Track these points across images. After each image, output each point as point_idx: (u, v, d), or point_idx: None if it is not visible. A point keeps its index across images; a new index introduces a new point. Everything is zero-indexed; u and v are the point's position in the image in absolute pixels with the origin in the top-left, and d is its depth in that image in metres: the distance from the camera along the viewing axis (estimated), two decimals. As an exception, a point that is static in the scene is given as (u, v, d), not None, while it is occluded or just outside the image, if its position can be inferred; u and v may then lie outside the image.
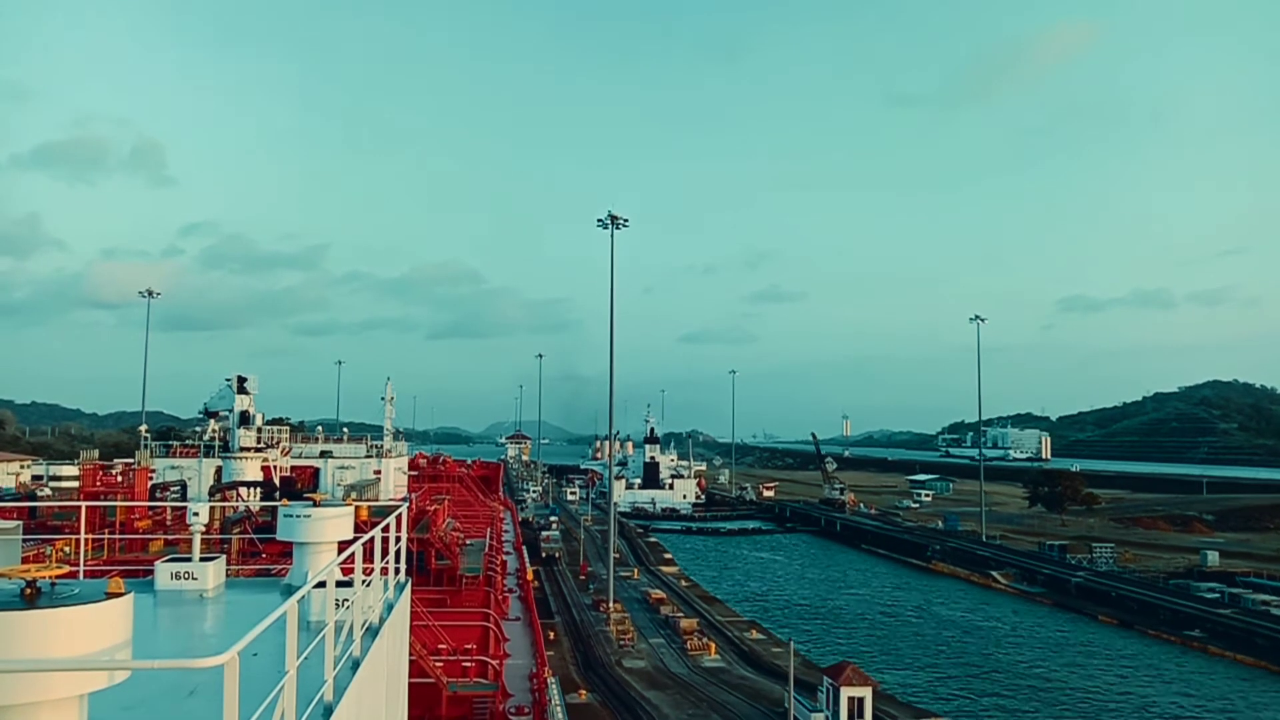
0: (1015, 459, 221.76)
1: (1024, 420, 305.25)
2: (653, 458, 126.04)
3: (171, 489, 35.46)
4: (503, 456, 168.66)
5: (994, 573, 69.02)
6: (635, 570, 63.38)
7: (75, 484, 54.59)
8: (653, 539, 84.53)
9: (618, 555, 64.88)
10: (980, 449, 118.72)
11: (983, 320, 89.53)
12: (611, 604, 46.98)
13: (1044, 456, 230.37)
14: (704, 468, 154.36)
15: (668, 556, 72.26)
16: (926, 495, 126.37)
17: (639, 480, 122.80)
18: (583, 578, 59.74)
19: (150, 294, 75.12)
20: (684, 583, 60.70)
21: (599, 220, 53.41)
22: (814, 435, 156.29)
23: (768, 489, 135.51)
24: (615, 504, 56.80)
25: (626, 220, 53.36)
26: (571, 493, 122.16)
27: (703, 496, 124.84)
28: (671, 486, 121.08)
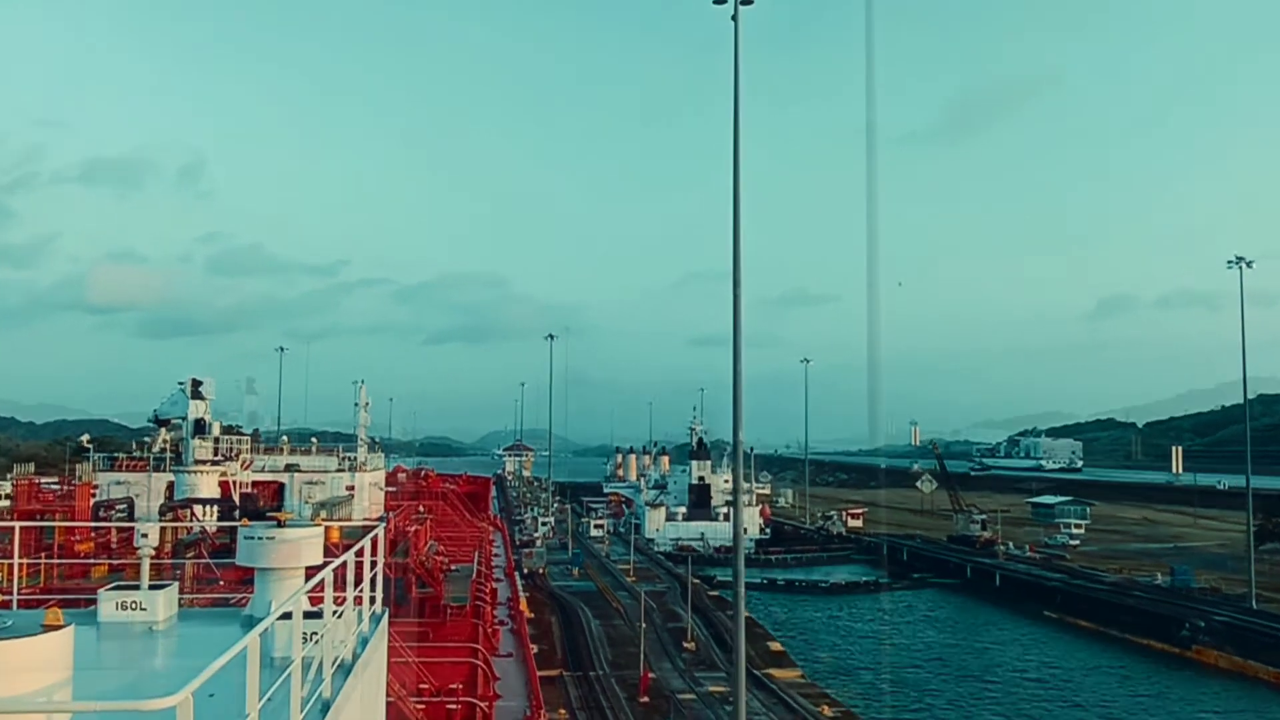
0: (1048, 470, 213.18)
1: (1106, 425, 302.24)
2: (701, 478, 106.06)
3: (117, 507, 36.03)
4: (498, 471, 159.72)
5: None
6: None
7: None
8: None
9: (692, 646, 46.67)
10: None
11: (1248, 264, 65.20)
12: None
13: (1076, 467, 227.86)
14: (767, 490, 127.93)
15: (775, 648, 49.60)
16: (1077, 526, 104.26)
17: (683, 508, 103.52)
18: (644, 700, 38.33)
19: None
20: (827, 710, 38.76)
21: None
22: (935, 445, 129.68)
23: (853, 516, 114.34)
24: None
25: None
26: (596, 524, 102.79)
27: (768, 530, 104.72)
28: (728, 516, 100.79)
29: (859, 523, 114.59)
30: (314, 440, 49.82)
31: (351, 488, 41.22)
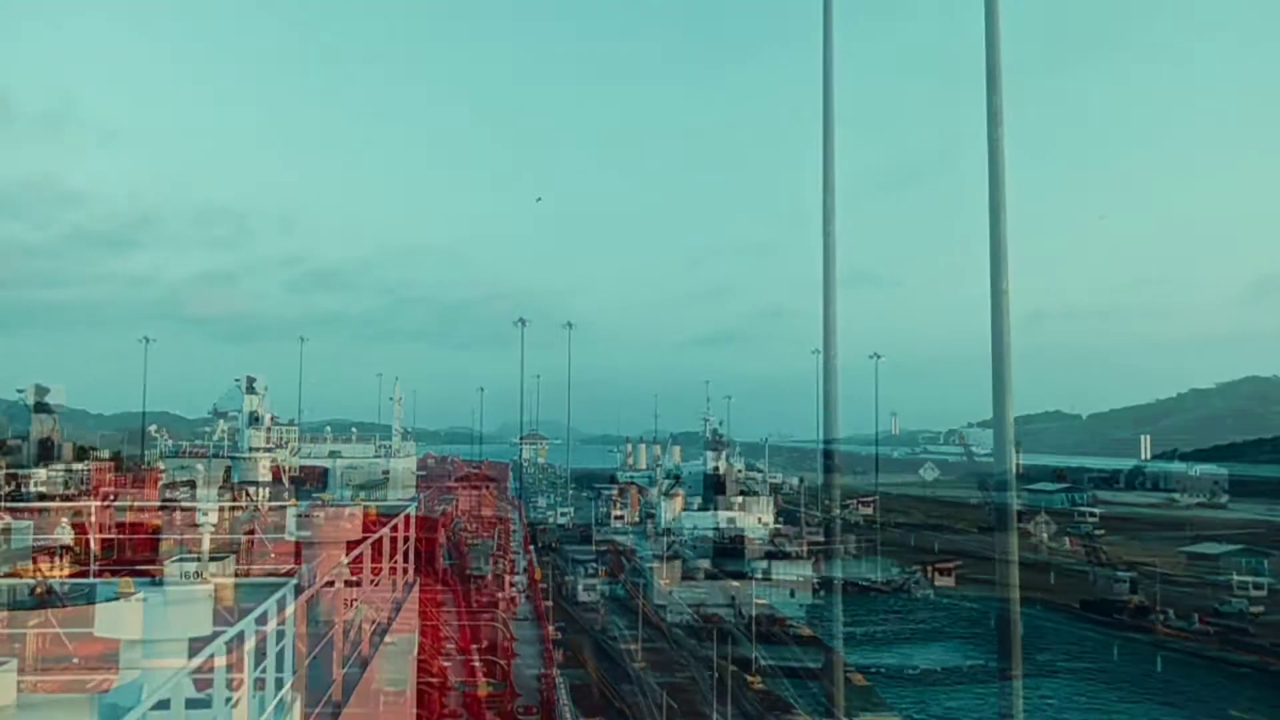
0: (1182, 506, 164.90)
1: (1269, 446, 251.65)
2: (731, 520, 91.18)
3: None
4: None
5: None
6: None
7: None
8: None
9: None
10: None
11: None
12: None
13: (1220, 502, 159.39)
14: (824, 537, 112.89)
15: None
16: (1256, 587, 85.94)
17: (705, 562, 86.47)
18: None
19: None
20: None
21: None
22: (1061, 473, 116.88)
23: (941, 572, 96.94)
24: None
25: None
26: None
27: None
28: (766, 574, 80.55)
29: (950, 581, 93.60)
30: (200, 468, 45.06)
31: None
